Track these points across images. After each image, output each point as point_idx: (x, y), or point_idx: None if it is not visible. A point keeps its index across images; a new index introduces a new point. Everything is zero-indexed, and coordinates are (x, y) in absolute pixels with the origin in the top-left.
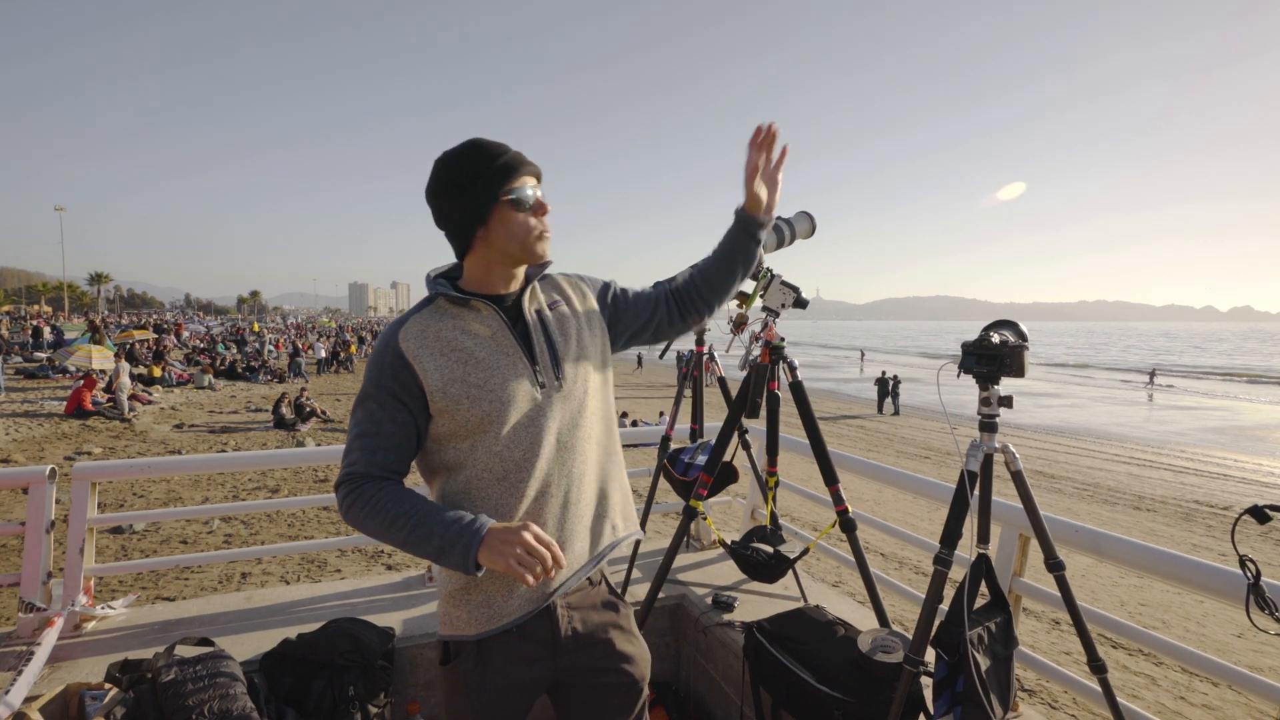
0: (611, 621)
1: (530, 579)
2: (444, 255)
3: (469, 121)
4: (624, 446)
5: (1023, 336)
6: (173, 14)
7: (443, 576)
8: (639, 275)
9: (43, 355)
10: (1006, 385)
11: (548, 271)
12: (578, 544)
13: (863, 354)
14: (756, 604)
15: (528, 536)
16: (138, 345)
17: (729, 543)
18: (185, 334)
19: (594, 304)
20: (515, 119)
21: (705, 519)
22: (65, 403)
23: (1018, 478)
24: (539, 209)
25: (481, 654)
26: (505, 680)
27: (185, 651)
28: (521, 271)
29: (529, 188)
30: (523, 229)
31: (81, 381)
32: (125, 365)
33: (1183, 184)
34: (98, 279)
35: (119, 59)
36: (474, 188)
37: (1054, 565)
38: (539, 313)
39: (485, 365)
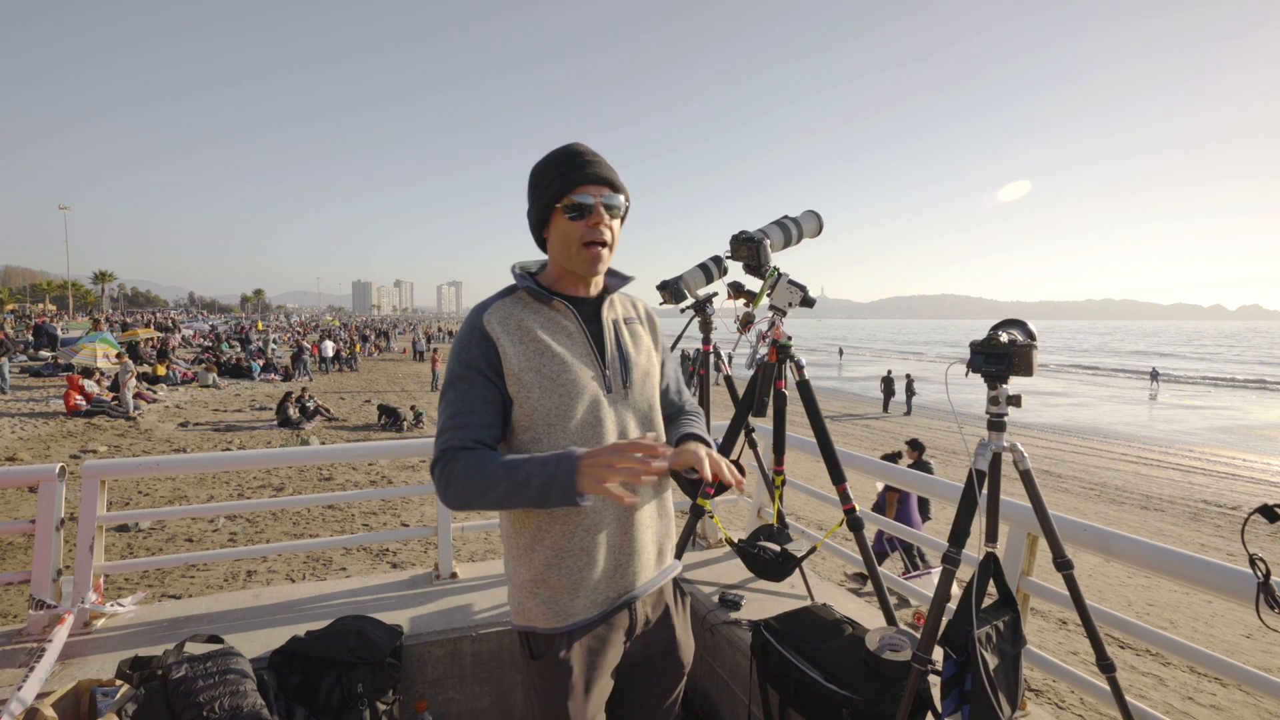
0: (674, 610)
1: (628, 499)
2: (446, 254)
3: (474, 120)
4: None
5: (1031, 336)
6: (187, 37)
7: (518, 568)
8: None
9: (48, 354)
10: (1014, 384)
11: (629, 290)
12: (645, 553)
13: (841, 351)
14: (763, 602)
15: (612, 456)
16: (142, 344)
17: (736, 541)
18: (187, 332)
19: (658, 337)
20: (532, 128)
21: (712, 518)
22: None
23: (1026, 477)
24: (592, 217)
25: (571, 643)
26: (598, 667)
27: (195, 649)
28: (598, 279)
29: (590, 197)
30: (568, 236)
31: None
32: (130, 364)
33: (1190, 181)
34: (101, 278)
35: (136, 78)
36: (542, 191)
37: (1062, 564)
38: (615, 322)
39: (559, 359)
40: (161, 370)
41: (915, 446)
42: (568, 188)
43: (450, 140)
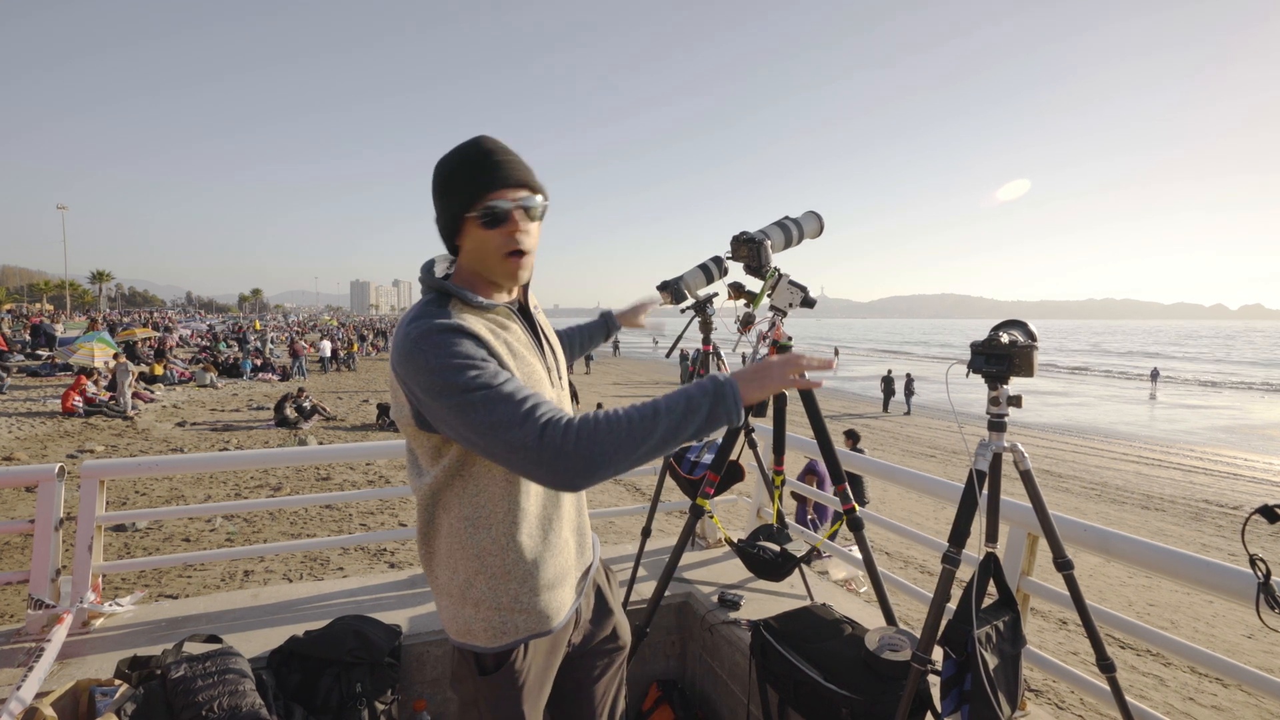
0: (610, 592)
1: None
2: (434, 252)
3: (473, 121)
4: None
5: (1032, 336)
6: (183, 34)
7: (493, 586)
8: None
9: (45, 353)
10: (1015, 384)
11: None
12: (589, 531)
13: (837, 351)
14: (762, 602)
15: (794, 364)
16: (140, 344)
17: (735, 541)
18: (184, 332)
19: None
20: (515, 121)
21: (712, 517)
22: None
23: (1026, 477)
24: (509, 225)
25: (536, 651)
26: (551, 667)
27: (194, 648)
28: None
29: (506, 202)
30: (485, 247)
31: (71, 383)
32: (129, 364)
33: (1191, 178)
34: (99, 277)
35: (132, 73)
36: (451, 197)
37: (1062, 564)
38: (535, 316)
39: (526, 361)
40: (159, 370)
41: (850, 436)
42: (480, 193)
43: (452, 133)
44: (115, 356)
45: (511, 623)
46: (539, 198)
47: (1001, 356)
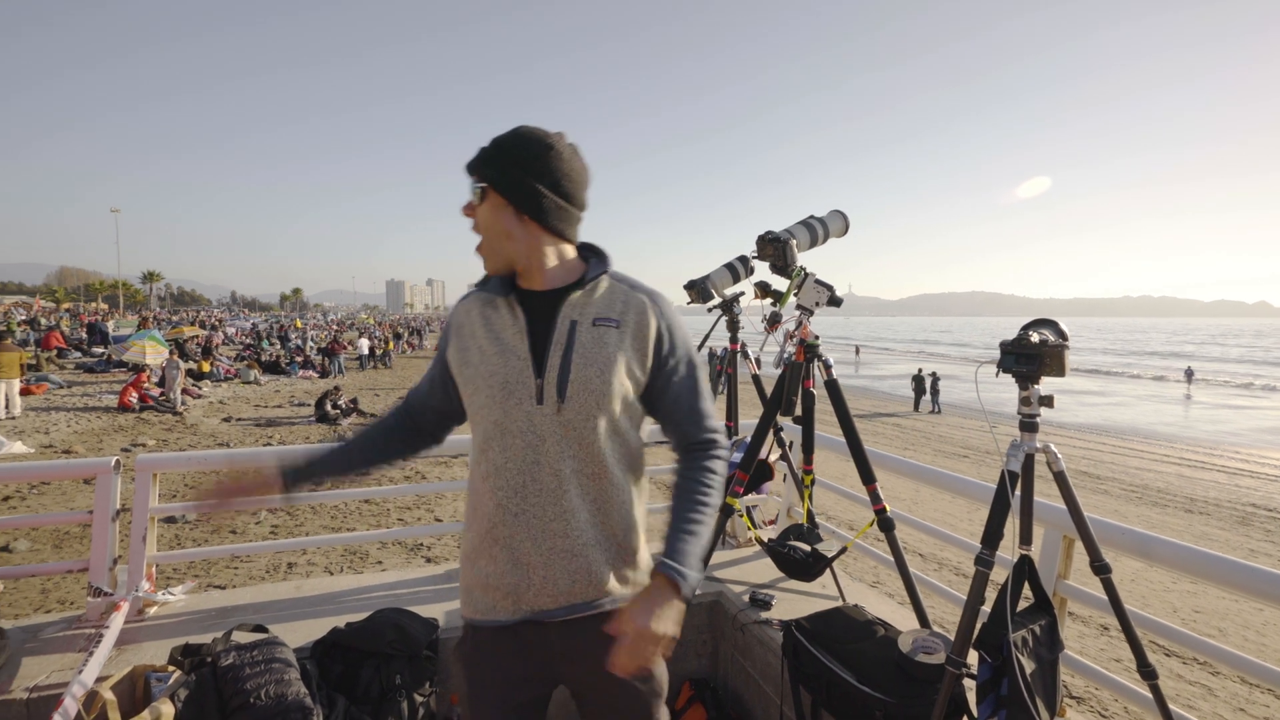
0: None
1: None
2: (465, 251)
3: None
4: (658, 443)
5: (1063, 335)
6: (218, 35)
7: (464, 547)
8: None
9: (100, 350)
10: (1046, 384)
11: (619, 281)
12: (556, 576)
13: (858, 350)
14: (794, 602)
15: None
16: (187, 341)
17: (766, 540)
18: (229, 330)
19: (650, 348)
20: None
21: (742, 516)
22: (119, 396)
23: (1060, 478)
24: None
25: (476, 638)
26: (495, 669)
27: (241, 637)
28: (541, 271)
29: (470, 192)
30: None
31: (131, 379)
32: (179, 361)
33: (1235, 174)
34: (150, 277)
35: (176, 74)
36: None
37: (1099, 568)
38: (574, 323)
39: (490, 361)
40: (206, 367)
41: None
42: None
43: (484, 130)
44: (170, 354)
45: (461, 592)
46: (473, 180)
47: (1032, 356)
